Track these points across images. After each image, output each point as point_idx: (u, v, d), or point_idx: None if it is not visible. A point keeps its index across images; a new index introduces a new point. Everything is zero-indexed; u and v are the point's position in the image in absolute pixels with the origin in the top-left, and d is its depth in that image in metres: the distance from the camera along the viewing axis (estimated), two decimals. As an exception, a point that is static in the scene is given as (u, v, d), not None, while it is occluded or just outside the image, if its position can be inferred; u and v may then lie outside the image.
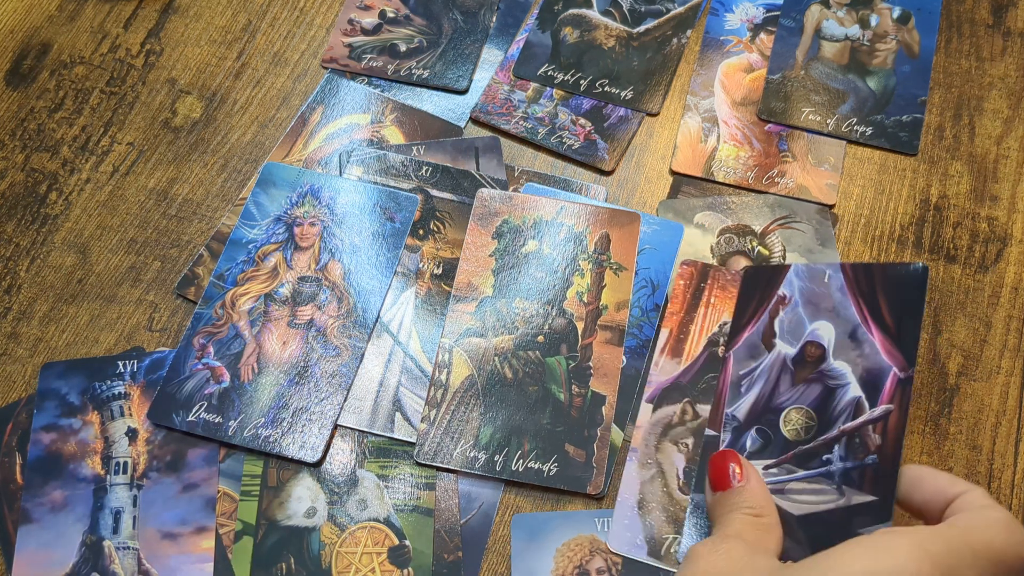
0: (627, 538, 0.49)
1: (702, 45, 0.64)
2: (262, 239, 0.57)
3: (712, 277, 0.55)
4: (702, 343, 0.53)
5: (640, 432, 0.51)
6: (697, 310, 0.54)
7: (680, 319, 0.54)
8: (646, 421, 0.52)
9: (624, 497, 0.50)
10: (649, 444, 0.51)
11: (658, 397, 0.52)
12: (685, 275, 0.55)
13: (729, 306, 0.54)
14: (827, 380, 0.49)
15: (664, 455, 0.51)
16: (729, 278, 0.54)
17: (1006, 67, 0.62)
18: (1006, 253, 0.56)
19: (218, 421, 0.52)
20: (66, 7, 0.67)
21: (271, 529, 0.50)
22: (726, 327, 0.53)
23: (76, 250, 0.58)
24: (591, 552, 0.49)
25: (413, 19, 0.66)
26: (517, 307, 0.55)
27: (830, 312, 0.50)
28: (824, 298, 0.51)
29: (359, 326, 0.54)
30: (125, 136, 0.62)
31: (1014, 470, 0.51)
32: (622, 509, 0.49)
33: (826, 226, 0.57)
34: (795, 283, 0.52)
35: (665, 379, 0.53)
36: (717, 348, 0.53)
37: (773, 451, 0.49)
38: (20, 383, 0.54)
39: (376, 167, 0.59)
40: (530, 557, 0.49)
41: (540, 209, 0.57)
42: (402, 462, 0.51)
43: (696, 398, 0.52)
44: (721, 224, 0.57)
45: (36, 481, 0.51)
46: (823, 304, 0.51)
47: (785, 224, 0.57)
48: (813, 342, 0.50)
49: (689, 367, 0.53)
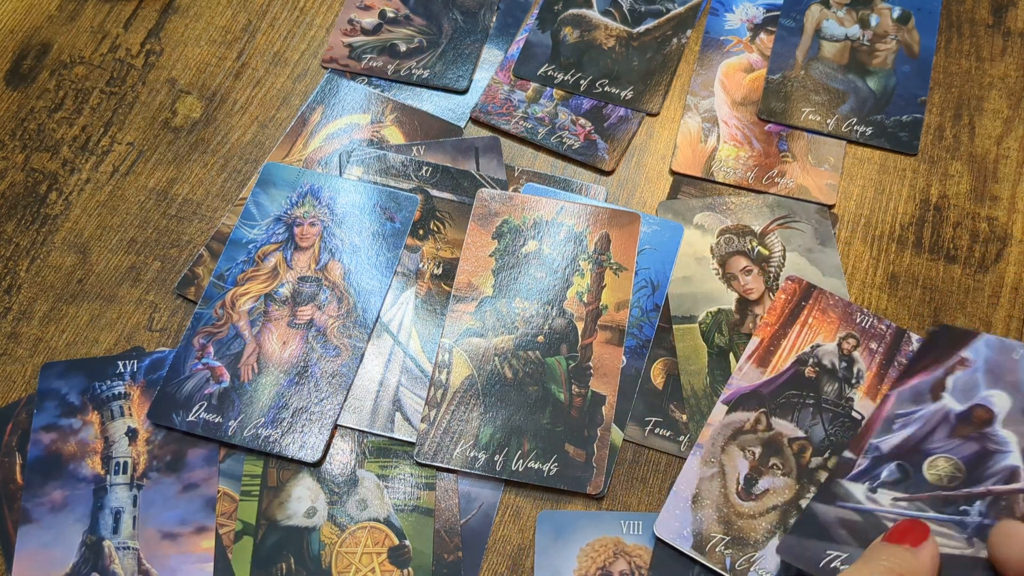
0: (675, 527, 0.49)
1: (702, 45, 0.64)
2: (262, 239, 0.57)
3: (815, 298, 0.54)
4: (790, 359, 0.53)
5: (709, 430, 0.51)
6: (792, 327, 0.54)
7: (773, 331, 0.53)
8: (718, 421, 0.51)
9: (680, 488, 0.50)
10: (716, 444, 0.51)
11: (735, 401, 0.52)
12: (788, 290, 0.54)
13: (826, 330, 0.53)
14: (988, 443, 0.49)
15: (729, 458, 0.50)
16: (831, 303, 0.54)
17: (1006, 67, 0.62)
18: (1006, 253, 0.56)
19: (218, 421, 0.52)
20: (66, 7, 0.67)
21: (271, 529, 0.50)
22: (818, 349, 0.53)
23: (76, 250, 0.58)
24: (615, 554, 0.49)
25: (413, 19, 0.66)
26: (517, 307, 0.55)
27: (1010, 385, 0.50)
28: (1009, 372, 0.51)
29: (359, 326, 0.54)
30: (125, 136, 0.62)
31: (1014, 470, 0.51)
32: (675, 499, 0.49)
33: (826, 225, 0.57)
34: (982, 351, 0.52)
35: (746, 385, 0.52)
36: (804, 368, 0.52)
37: (908, 487, 0.48)
38: (20, 383, 0.54)
39: (376, 167, 0.59)
40: (554, 554, 0.49)
41: (540, 209, 0.57)
42: (402, 462, 0.51)
43: (773, 411, 0.51)
44: (720, 224, 0.57)
45: (36, 481, 0.51)
46: (1007, 377, 0.51)
47: (784, 224, 0.57)
48: (984, 406, 0.50)
49: (773, 379, 0.52)
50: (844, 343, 0.53)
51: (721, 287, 0.56)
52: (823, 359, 0.53)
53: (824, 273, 0.56)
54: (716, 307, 0.55)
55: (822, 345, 0.53)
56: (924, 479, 0.49)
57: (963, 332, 0.53)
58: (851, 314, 0.54)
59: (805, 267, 0.56)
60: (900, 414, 0.51)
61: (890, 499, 0.48)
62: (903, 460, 0.49)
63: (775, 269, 0.56)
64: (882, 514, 0.48)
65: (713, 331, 0.54)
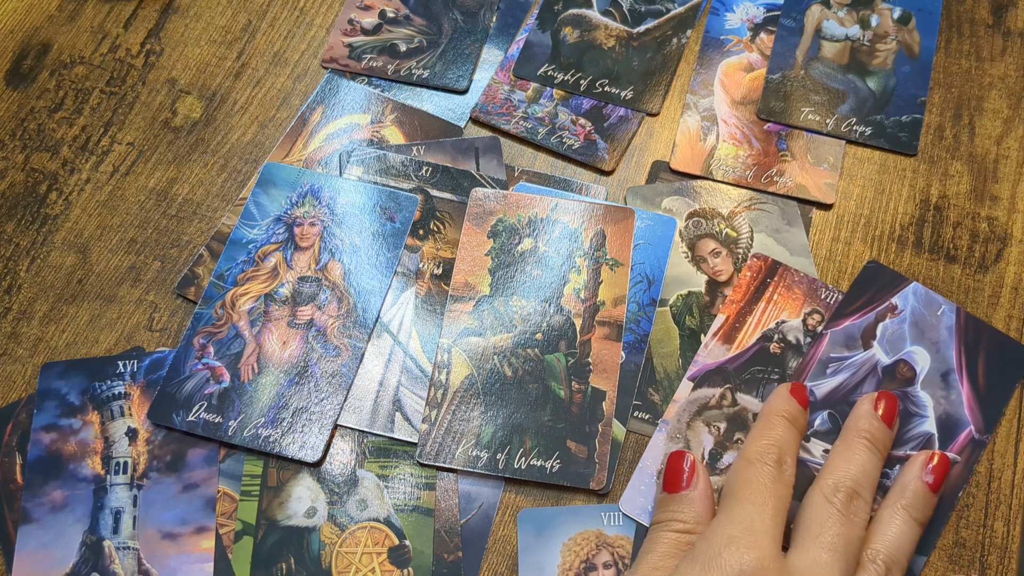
0: (640, 503, 0.49)
1: (702, 44, 0.64)
2: (262, 239, 0.57)
3: (780, 275, 0.55)
4: (755, 336, 0.53)
5: (675, 407, 0.52)
6: (758, 304, 0.54)
7: (739, 308, 0.54)
8: (683, 397, 0.52)
9: (645, 464, 0.50)
10: (682, 420, 0.51)
11: (700, 378, 0.52)
12: (754, 267, 0.55)
13: (791, 306, 0.54)
14: (908, 403, 0.51)
15: (694, 433, 0.51)
16: (797, 279, 0.55)
17: (1006, 67, 0.62)
18: (1006, 253, 0.56)
19: (218, 421, 0.52)
20: (66, 7, 0.67)
21: (271, 529, 0.50)
22: (783, 325, 0.53)
23: (76, 250, 0.58)
24: (597, 546, 0.49)
25: (413, 19, 0.66)
26: (515, 305, 0.55)
27: (932, 344, 0.52)
28: (931, 329, 0.52)
29: (359, 326, 0.54)
30: (125, 136, 0.62)
31: (1014, 470, 0.50)
32: (641, 475, 0.50)
33: (792, 206, 0.57)
34: (910, 300, 0.53)
35: (712, 362, 0.53)
36: (769, 344, 0.53)
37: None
38: (20, 383, 0.54)
39: (376, 167, 0.59)
40: (537, 552, 0.49)
41: (535, 207, 0.57)
42: (402, 462, 0.51)
43: (738, 387, 0.52)
44: (688, 208, 0.57)
45: (36, 481, 0.51)
46: (928, 334, 0.52)
47: (751, 206, 0.57)
48: (907, 363, 0.52)
49: (738, 356, 0.53)
50: (809, 318, 0.54)
51: (691, 270, 0.56)
52: (788, 335, 0.53)
53: (792, 252, 0.56)
54: (686, 290, 0.55)
55: (787, 321, 0.54)
56: None
57: (896, 275, 0.54)
58: (816, 290, 0.54)
59: (773, 247, 0.56)
60: (833, 358, 0.52)
61: (821, 451, 0.50)
62: (834, 410, 0.51)
63: (743, 251, 0.56)
64: (813, 465, 0.50)
65: (684, 313, 0.55)
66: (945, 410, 0.51)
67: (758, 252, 0.56)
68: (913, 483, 0.46)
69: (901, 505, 0.45)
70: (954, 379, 0.51)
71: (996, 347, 0.52)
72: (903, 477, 0.47)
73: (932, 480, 0.46)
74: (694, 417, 0.51)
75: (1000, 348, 0.52)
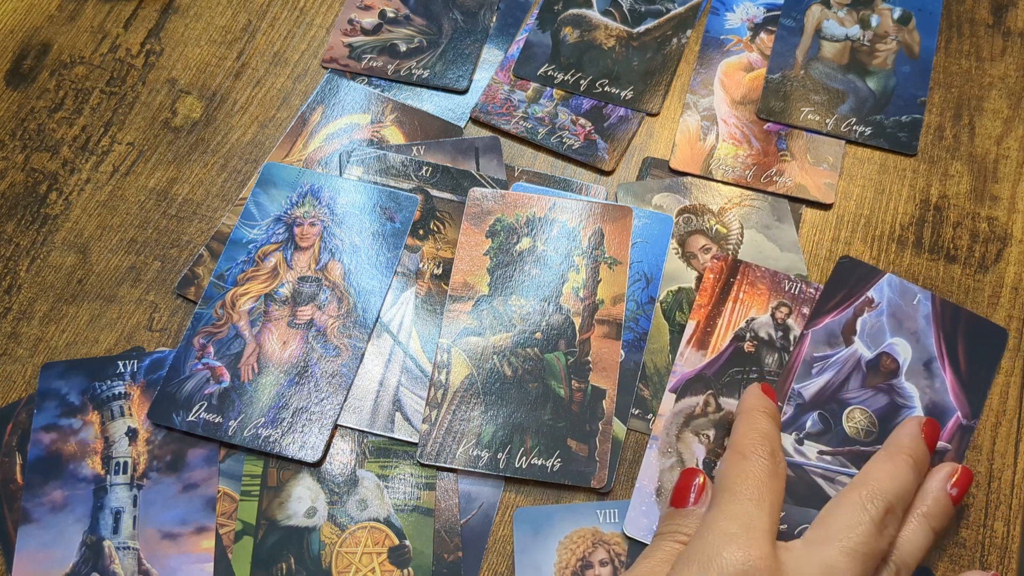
0: (644, 524, 0.49)
1: (702, 44, 0.64)
2: (262, 239, 0.57)
3: (742, 273, 0.55)
4: (728, 337, 0.53)
5: (662, 420, 0.51)
6: (725, 304, 0.54)
7: (708, 312, 0.54)
8: (668, 410, 0.52)
9: (643, 484, 0.50)
10: (670, 433, 0.51)
11: (682, 387, 0.52)
12: (715, 269, 0.55)
13: (758, 302, 0.54)
14: (895, 395, 0.51)
15: (685, 445, 0.51)
16: (759, 274, 0.55)
17: (1006, 67, 0.62)
18: (1006, 253, 0.56)
19: (218, 421, 0.52)
20: (66, 7, 0.67)
21: (271, 529, 0.50)
22: (753, 323, 0.54)
23: (76, 250, 0.58)
24: (593, 544, 0.49)
25: (413, 19, 0.66)
26: (514, 305, 0.55)
27: (911, 334, 0.52)
28: (909, 319, 0.53)
29: (359, 326, 0.54)
30: (125, 136, 0.62)
31: (1014, 470, 0.50)
32: (640, 495, 0.50)
33: (782, 203, 0.58)
34: (885, 292, 0.53)
35: (690, 370, 0.53)
36: (743, 343, 0.53)
37: (831, 440, 0.50)
38: (20, 383, 0.54)
39: (376, 167, 0.59)
40: (534, 551, 0.49)
41: (533, 206, 0.57)
42: (402, 462, 0.51)
43: (720, 391, 0.52)
44: (679, 204, 0.58)
45: (36, 481, 0.51)
46: (907, 324, 0.53)
47: (742, 202, 0.58)
48: (890, 355, 0.52)
49: (714, 360, 0.53)
50: (777, 312, 0.54)
51: (681, 266, 0.56)
52: (759, 331, 0.53)
53: (782, 248, 0.56)
54: (676, 286, 0.55)
55: (756, 318, 0.54)
56: (843, 431, 0.50)
57: (870, 268, 0.54)
58: (779, 282, 0.55)
59: (763, 243, 0.56)
60: (817, 357, 0.52)
61: (815, 452, 0.50)
62: (824, 410, 0.51)
63: (733, 247, 0.56)
64: (810, 468, 0.50)
65: (674, 309, 0.55)
66: (931, 399, 0.51)
67: (717, 253, 0.56)
68: (936, 493, 0.45)
69: (921, 512, 0.45)
70: (936, 367, 0.51)
71: (974, 330, 0.53)
72: (927, 486, 0.46)
73: (956, 493, 0.46)
74: (682, 429, 0.51)
75: (978, 330, 0.53)
